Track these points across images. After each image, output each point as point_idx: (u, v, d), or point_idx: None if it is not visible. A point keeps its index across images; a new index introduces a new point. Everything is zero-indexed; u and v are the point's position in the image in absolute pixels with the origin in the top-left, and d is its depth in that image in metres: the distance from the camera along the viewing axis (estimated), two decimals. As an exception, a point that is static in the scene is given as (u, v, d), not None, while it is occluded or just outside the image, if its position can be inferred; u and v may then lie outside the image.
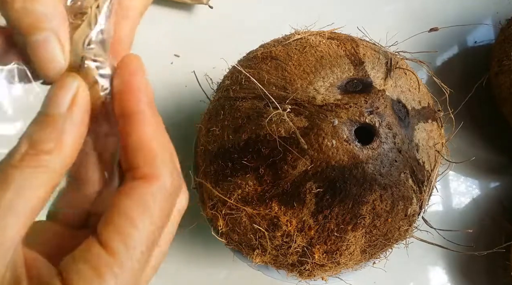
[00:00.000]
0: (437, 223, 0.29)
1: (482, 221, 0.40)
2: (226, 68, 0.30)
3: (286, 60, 0.26)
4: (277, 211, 0.24)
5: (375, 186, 0.23)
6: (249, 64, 0.28)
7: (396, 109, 0.25)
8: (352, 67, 0.26)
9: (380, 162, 0.23)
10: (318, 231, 0.24)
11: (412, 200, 0.25)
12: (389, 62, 0.26)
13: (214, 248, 0.37)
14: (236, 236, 0.27)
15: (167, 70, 0.42)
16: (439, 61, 0.44)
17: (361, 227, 0.24)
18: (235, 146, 0.25)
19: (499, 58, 0.38)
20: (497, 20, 0.44)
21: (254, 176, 0.24)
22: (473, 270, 0.39)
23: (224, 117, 0.26)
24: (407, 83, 0.27)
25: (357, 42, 0.28)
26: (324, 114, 0.23)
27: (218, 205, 0.26)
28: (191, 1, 0.42)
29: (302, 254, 0.25)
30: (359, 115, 0.23)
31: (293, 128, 0.23)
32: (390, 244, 0.27)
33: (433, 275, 0.39)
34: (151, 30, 0.43)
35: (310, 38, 0.28)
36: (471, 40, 0.45)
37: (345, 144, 0.23)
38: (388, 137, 0.23)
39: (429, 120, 0.27)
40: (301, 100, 0.24)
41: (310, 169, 0.23)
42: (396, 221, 0.25)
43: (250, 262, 0.28)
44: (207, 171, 0.27)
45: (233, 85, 0.27)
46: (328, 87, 0.25)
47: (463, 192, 0.41)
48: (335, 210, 0.23)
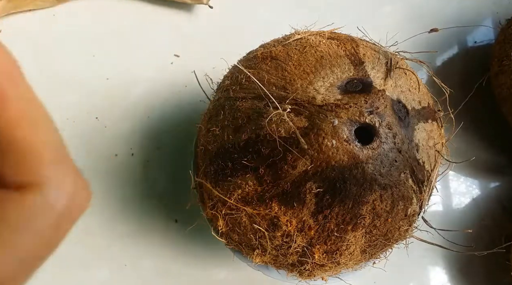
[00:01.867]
0: (437, 223, 0.29)
1: (482, 221, 0.40)
2: (226, 68, 0.30)
3: (286, 60, 0.26)
4: (277, 211, 0.24)
5: (375, 186, 0.23)
6: (249, 64, 0.28)
7: (396, 109, 0.25)
8: (352, 67, 0.26)
9: (380, 162, 0.23)
10: (318, 231, 0.24)
11: (412, 200, 0.25)
12: (389, 62, 0.26)
13: (214, 248, 0.37)
14: (236, 236, 0.27)
15: (167, 70, 0.42)
16: (439, 61, 0.44)
17: (361, 227, 0.24)
18: (235, 146, 0.25)
19: (499, 58, 0.38)
20: (497, 20, 0.44)
21: (254, 176, 0.24)
22: (473, 270, 0.39)
23: (224, 117, 0.26)
24: (407, 83, 0.27)
25: (357, 42, 0.28)
26: (324, 114, 0.23)
27: (218, 205, 0.26)
28: (191, 1, 0.42)
29: (302, 254, 0.25)
30: (359, 115, 0.23)
31: (293, 128, 0.23)
32: (390, 244, 0.27)
33: (433, 275, 0.39)
34: (151, 30, 0.43)
35: (310, 38, 0.28)
36: (471, 40, 0.45)
37: (345, 144, 0.23)
38: (388, 137, 0.23)
39: (429, 120, 0.27)
40: (301, 100, 0.24)
41: (310, 169, 0.23)
42: (396, 221, 0.25)
43: (250, 262, 0.28)
44: (207, 171, 0.27)
45: (233, 85, 0.27)
46: (328, 87, 0.25)
47: (463, 192, 0.41)
48: (335, 210, 0.23)
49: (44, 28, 0.42)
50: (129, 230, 0.38)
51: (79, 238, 0.37)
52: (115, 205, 0.38)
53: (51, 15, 0.42)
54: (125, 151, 0.39)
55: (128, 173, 0.39)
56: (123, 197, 0.38)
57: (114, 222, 0.38)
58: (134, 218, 0.38)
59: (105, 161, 0.39)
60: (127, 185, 0.39)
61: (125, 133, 0.40)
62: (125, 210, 0.38)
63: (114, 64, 0.41)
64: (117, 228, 0.38)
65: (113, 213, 0.38)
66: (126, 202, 0.38)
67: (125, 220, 0.38)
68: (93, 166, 0.39)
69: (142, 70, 0.41)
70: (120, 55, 0.42)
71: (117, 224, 0.38)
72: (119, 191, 0.38)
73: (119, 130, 0.40)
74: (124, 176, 0.39)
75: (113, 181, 0.39)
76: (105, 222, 0.38)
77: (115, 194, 0.38)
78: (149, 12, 0.43)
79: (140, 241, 0.38)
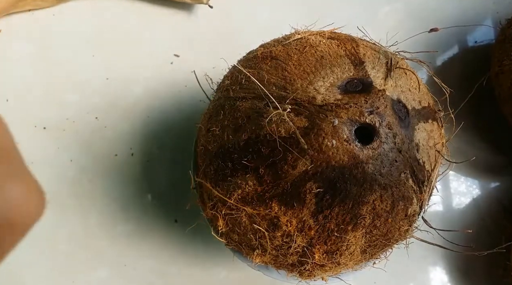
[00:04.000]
0: (437, 223, 0.29)
1: (482, 221, 0.40)
2: (226, 68, 0.30)
3: (286, 60, 0.26)
4: (277, 211, 0.24)
5: (375, 186, 0.23)
6: (249, 64, 0.27)
7: (396, 109, 0.25)
8: (352, 67, 0.26)
9: (380, 162, 0.23)
10: (318, 231, 0.24)
11: (412, 200, 0.25)
12: (389, 62, 0.26)
13: (214, 248, 0.37)
14: (236, 236, 0.27)
15: (167, 70, 0.42)
16: (439, 61, 0.44)
17: (361, 227, 0.24)
18: (235, 146, 0.25)
19: (499, 58, 0.38)
20: (497, 20, 0.44)
21: (254, 176, 0.24)
22: (473, 270, 0.39)
23: (224, 117, 0.26)
24: (407, 83, 0.27)
25: (357, 42, 0.28)
26: (324, 114, 0.23)
27: (218, 205, 0.26)
28: (191, 1, 0.42)
29: (302, 254, 0.25)
30: (359, 115, 0.23)
31: (293, 128, 0.23)
32: (390, 244, 0.27)
33: (433, 275, 0.39)
34: (151, 30, 0.43)
35: (310, 38, 0.28)
36: (471, 40, 0.45)
37: (345, 144, 0.23)
38: (388, 137, 0.23)
39: (429, 120, 0.27)
40: (301, 100, 0.24)
41: (310, 169, 0.23)
42: (396, 221, 0.25)
43: (250, 262, 0.28)
44: (207, 171, 0.27)
45: (233, 85, 0.27)
46: (328, 87, 0.24)
47: (463, 192, 0.41)
48: (335, 210, 0.23)
49: (44, 28, 0.42)
50: (129, 230, 0.38)
51: (79, 238, 0.37)
52: (115, 205, 0.38)
53: (51, 15, 0.42)
54: (125, 151, 0.39)
55: (128, 173, 0.39)
56: (123, 197, 0.38)
57: (114, 222, 0.38)
58: (134, 218, 0.38)
59: (105, 161, 0.39)
60: (127, 185, 0.39)
61: (125, 133, 0.40)
62: (125, 210, 0.38)
63: (114, 64, 0.41)
64: (117, 228, 0.38)
65: (113, 213, 0.38)
66: (126, 202, 0.38)
67: (125, 220, 0.38)
68: (93, 166, 0.39)
69: (142, 70, 0.41)
70: (120, 55, 0.42)
71: (117, 224, 0.38)
72: (119, 191, 0.38)
73: (119, 130, 0.40)
74: (124, 176, 0.39)
75: (113, 181, 0.39)
76: (105, 222, 0.38)
77: (115, 194, 0.38)
78: (149, 12, 0.43)
79: (140, 241, 0.38)
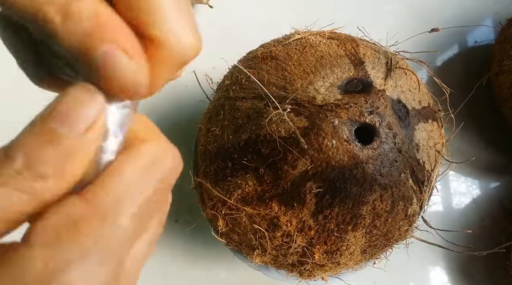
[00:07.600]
0: (437, 223, 0.29)
1: (482, 221, 0.40)
2: (226, 68, 0.30)
3: (286, 60, 0.26)
4: (277, 211, 0.24)
5: (375, 186, 0.23)
6: (249, 64, 0.27)
7: (396, 109, 0.25)
8: (352, 67, 0.26)
9: (380, 162, 0.23)
10: (318, 231, 0.24)
11: (412, 200, 0.25)
12: (389, 62, 0.26)
13: (214, 248, 0.37)
14: (236, 236, 0.27)
15: (167, 70, 0.41)
16: (439, 61, 0.44)
17: (361, 227, 0.24)
18: (235, 146, 0.25)
19: (499, 58, 0.38)
20: (497, 20, 0.44)
21: (254, 176, 0.24)
22: (473, 270, 0.39)
23: (224, 117, 0.26)
24: (407, 83, 0.27)
25: (357, 42, 0.28)
26: (324, 114, 0.23)
27: (218, 205, 0.26)
28: (191, 1, 0.42)
29: (302, 254, 0.25)
30: (359, 115, 0.23)
31: (293, 128, 0.23)
32: (390, 244, 0.27)
33: (433, 275, 0.39)
34: (151, 30, 0.43)
35: (310, 38, 0.28)
36: (471, 40, 0.45)
37: (345, 144, 0.23)
38: (388, 137, 0.23)
39: (429, 120, 0.27)
40: (301, 100, 0.24)
41: (310, 169, 0.23)
42: (396, 221, 0.25)
43: (250, 262, 0.28)
44: (207, 171, 0.27)
45: (233, 85, 0.27)
46: (328, 87, 0.24)
47: (463, 192, 0.41)
48: (335, 210, 0.23)
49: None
50: (129, 230, 0.38)
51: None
52: (115, 205, 0.38)
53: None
54: (125, 151, 0.39)
55: (128, 173, 0.39)
56: (123, 197, 0.38)
57: (114, 222, 0.38)
58: (134, 218, 0.38)
59: (105, 161, 0.39)
60: (127, 185, 0.39)
61: (125, 133, 0.40)
62: (125, 210, 0.38)
63: (114, 64, 0.41)
64: (117, 228, 0.38)
65: (113, 213, 0.38)
66: (126, 202, 0.38)
67: (125, 220, 0.38)
68: (93, 166, 0.38)
69: (142, 70, 0.41)
70: (120, 55, 0.41)
71: (117, 224, 0.38)
72: (119, 191, 0.38)
73: (119, 130, 0.40)
74: (124, 176, 0.39)
75: (113, 181, 0.38)
76: (105, 222, 0.38)
77: (115, 194, 0.38)
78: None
79: (140, 241, 0.37)
